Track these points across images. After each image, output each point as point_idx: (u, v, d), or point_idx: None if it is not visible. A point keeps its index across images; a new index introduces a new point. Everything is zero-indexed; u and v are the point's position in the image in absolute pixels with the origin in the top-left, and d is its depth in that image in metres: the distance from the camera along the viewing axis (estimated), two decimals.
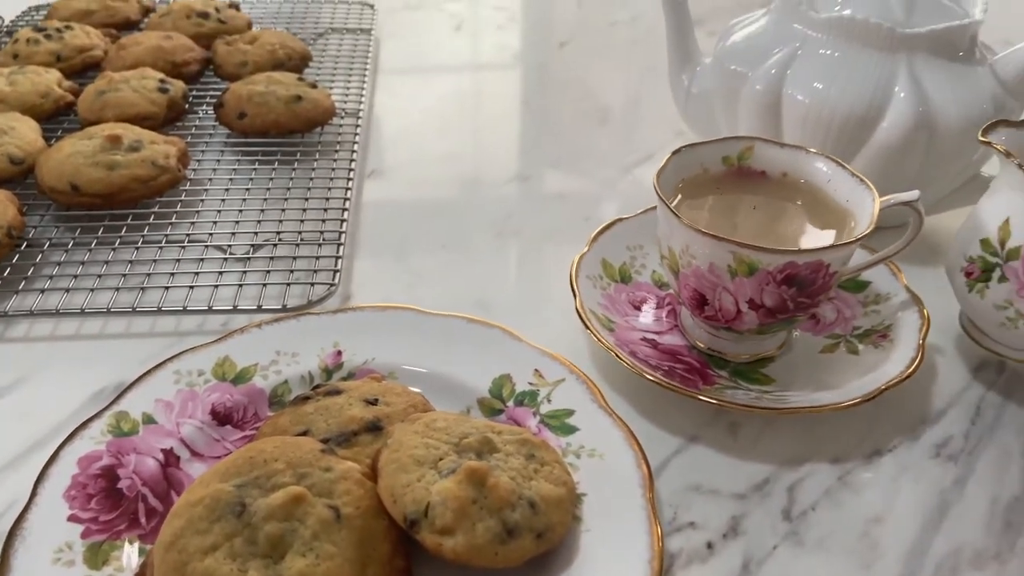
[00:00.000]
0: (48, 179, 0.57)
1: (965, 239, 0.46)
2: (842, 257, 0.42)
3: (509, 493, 0.34)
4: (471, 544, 0.33)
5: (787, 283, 0.42)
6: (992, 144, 0.44)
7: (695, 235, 0.42)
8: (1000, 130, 0.45)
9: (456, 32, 0.94)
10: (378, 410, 0.40)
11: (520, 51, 0.91)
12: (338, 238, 0.56)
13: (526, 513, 0.34)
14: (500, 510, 0.34)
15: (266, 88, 0.67)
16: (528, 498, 0.35)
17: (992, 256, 0.45)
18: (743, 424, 0.45)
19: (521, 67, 0.88)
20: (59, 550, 0.35)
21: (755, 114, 0.56)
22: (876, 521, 0.40)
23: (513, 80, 0.86)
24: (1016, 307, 0.44)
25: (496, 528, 0.33)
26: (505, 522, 0.34)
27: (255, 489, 0.34)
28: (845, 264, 0.43)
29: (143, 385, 0.43)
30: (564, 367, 0.45)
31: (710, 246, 0.42)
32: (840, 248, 0.41)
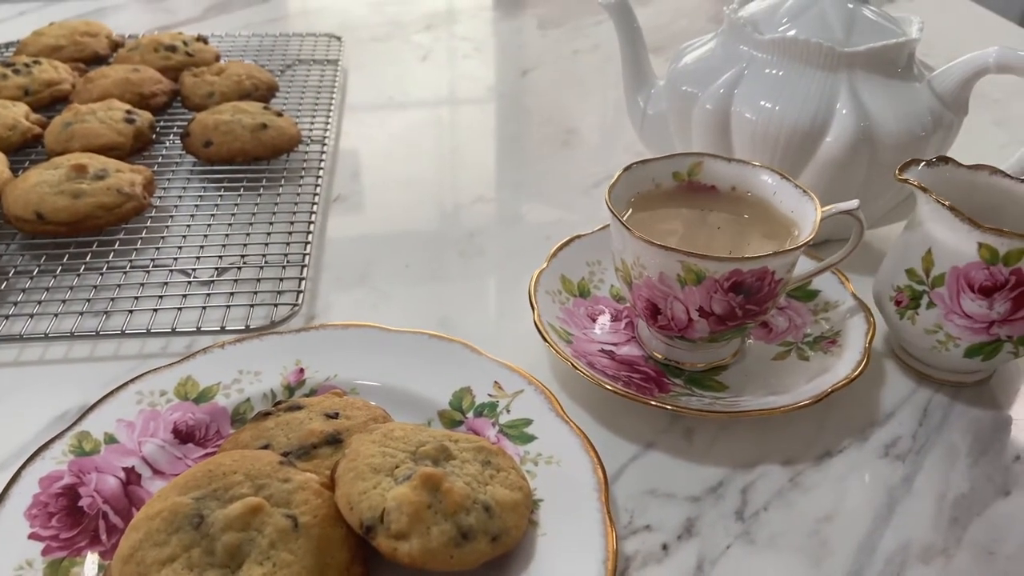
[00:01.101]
0: (13, 208, 0.57)
1: (891, 269, 0.48)
2: (785, 264, 0.43)
3: (463, 498, 0.35)
4: (426, 548, 0.33)
5: (734, 290, 0.43)
6: (908, 181, 0.46)
7: (644, 246, 0.43)
8: (913, 168, 0.47)
9: (422, 62, 0.96)
10: (338, 423, 0.41)
11: (485, 79, 0.93)
12: (302, 260, 0.57)
13: (481, 517, 0.35)
14: (455, 514, 0.34)
15: (232, 117, 0.68)
16: (483, 502, 0.35)
17: (919, 284, 0.46)
18: (698, 430, 0.46)
19: (486, 95, 0.90)
20: (19, 567, 0.36)
21: (707, 132, 0.58)
22: (826, 519, 0.41)
23: (478, 107, 0.88)
24: (946, 330, 0.46)
25: (451, 532, 0.34)
26: (460, 526, 0.34)
27: (213, 501, 0.35)
28: (790, 272, 0.45)
29: (105, 406, 0.43)
30: (523, 379, 0.46)
31: (659, 256, 0.43)
32: (782, 255, 0.42)
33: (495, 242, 0.64)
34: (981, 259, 0.43)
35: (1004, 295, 0.43)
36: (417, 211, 0.68)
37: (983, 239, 0.42)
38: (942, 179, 0.47)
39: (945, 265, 0.44)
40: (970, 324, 0.44)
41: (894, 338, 0.51)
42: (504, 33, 1.06)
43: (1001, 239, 0.42)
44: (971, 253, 0.43)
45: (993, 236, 0.42)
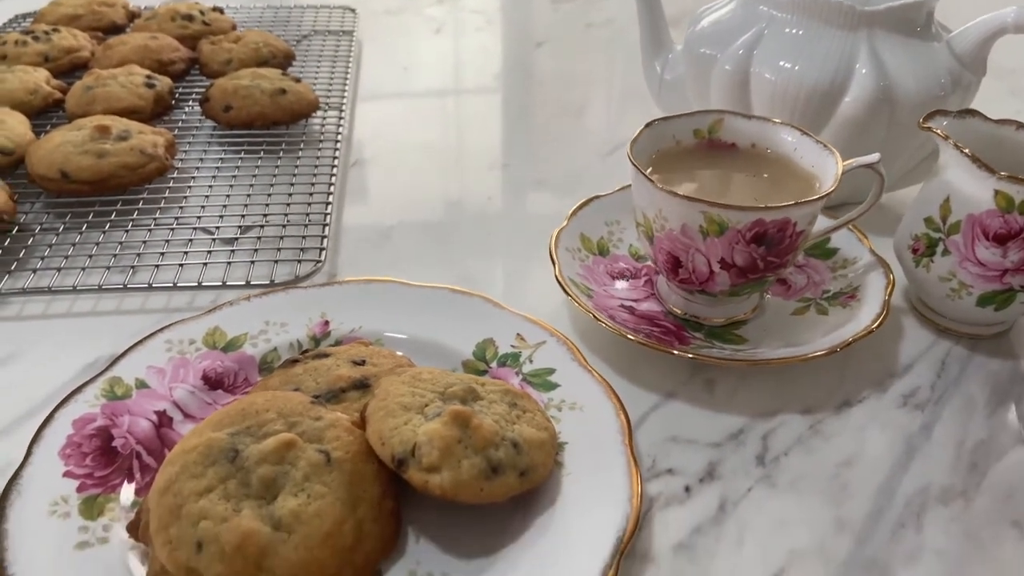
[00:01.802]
0: (38, 167, 0.58)
1: (911, 220, 0.49)
2: (807, 214, 0.44)
3: (492, 434, 0.35)
4: (457, 480, 0.34)
5: (756, 242, 0.43)
6: (932, 129, 0.46)
7: (667, 198, 0.44)
8: (937, 119, 0.48)
9: (435, 35, 0.97)
10: (365, 369, 0.42)
11: (498, 52, 0.93)
12: (324, 219, 0.58)
13: (509, 452, 0.35)
14: (484, 449, 0.35)
15: (251, 82, 0.69)
16: (511, 439, 0.36)
17: (935, 232, 0.47)
18: (718, 381, 0.46)
19: (499, 67, 0.90)
20: (55, 503, 0.36)
21: (725, 95, 0.59)
22: (846, 464, 0.41)
23: (492, 79, 0.88)
24: (959, 278, 0.46)
25: (481, 465, 0.35)
26: (489, 460, 0.35)
27: (247, 437, 0.35)
28: (811, 224, 0.45)
29: (135, 353, 0.44)
30: (545, 331, 0.46)
31: (682, 207, 0.43)
32: (804, 205, 0.43)
33: (512, 206, 0.64)
34: (997, 207, 0.43)
35: (1018, 244, 0.44)
36: (434, 177, 0.68)
37: (999, 186, 0.43)
38: (966, 131, 0.47)
39: (961, 213, 0.45)
40: (983, 272, 0.45)
41: (913, 293, 0.51)
42: (516, 7, 1.06)
43: (1018, 187, 0.42)
44: (987, 200, 0.44)
45: (1009, 184, 0.42)
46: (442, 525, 0.37)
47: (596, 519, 0.36)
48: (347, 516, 0.34)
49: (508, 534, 0.36)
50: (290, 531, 0.33)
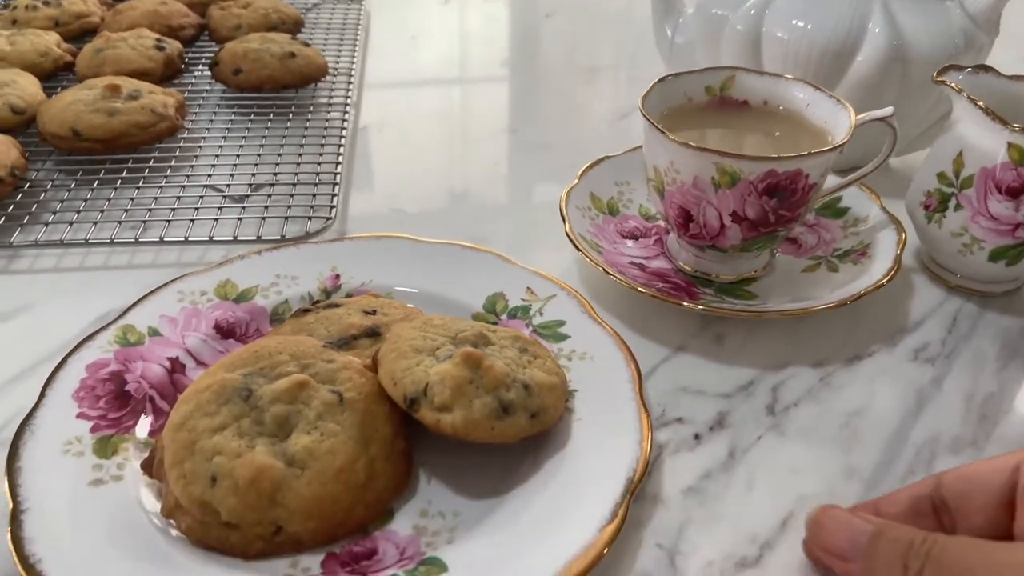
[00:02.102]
0: (50, 126, 0.58)
1: (923, 176, 0.49)
2: (820, 165, 0.43)
3: (503, 375, 0.36)
4: (468, 419, 0.34)
5: (768, 193, 0.43)
6: (946, 83, 0.46)
7: (680, 149, 0.44)
8: (951, 72, 0.47)
9: (444, 5, 0.96)
10: (376, 319, 0.42)
11: (507, 20, 0.93)
12: (334, 178, 0.58)
13: (521, 394, 0.36)
14: (495, 389, 0.35)
15: (260, 45, 0.69)
16: (522, 381, 0.36)
17: (948, 187, 0.47)
18: (728, 335, 0.46)
19: (508, 35, 0.90)
20: (68, 442, 0.36)
21: (737, 55, 0.58)
22: (856, 415, 0.41)
23: (500, 46, 0.88)
24: (971, 233, 0.46)
25: (492, 405, 0.35)
26: (500, 400, 0.35)
27: (260, 378, 0.36)
28: (823, 176, 0.45)
29: (148, 303, 0.44)
30: (555, 284, 0.46)
31: (694, 159, 0.43)
32: (817, 155, 0.42)
33: (521, 169, 0.64)
34: (1010, 160, 0.43)
35: None
36: (442, 141, 0.68)
37: (1013, 139, 0.43)
38: (979, 87, 0.47)
39: (975, 167, 0.45)
40: (995, 226, 0.45)
41: (924, 251, 0.51)
42: None
43: None
44: (1001, 153, 0.43)
45: (1023, 136, 0.42)
46: (453, 467, 0.37)
47: (606, 462, 0.36)
48: (359, 454, 0.34)
49: (518, 476, 0.36)
50: (303, 467, 0.33)
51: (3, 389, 0.42)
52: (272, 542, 0.33)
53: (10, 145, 0.56)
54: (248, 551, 0.33)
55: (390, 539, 0.34)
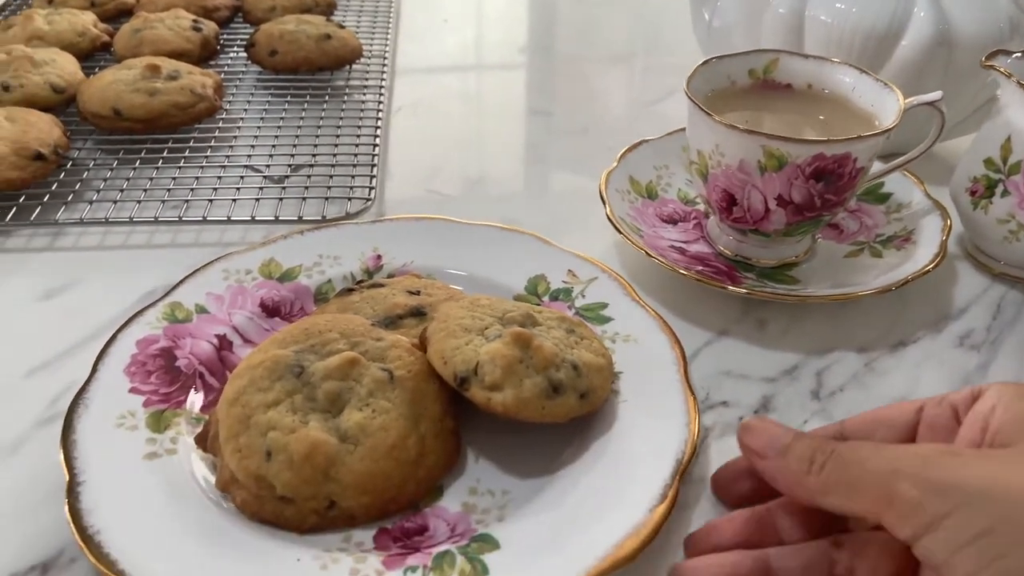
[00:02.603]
0: (91, 105, 0.58)
1: (969, 161, 0.49)
2: (869, 148, 0.43)
3: (553, 355, 0.36)
4: (519, 398, 0.34)
5: (815, 177, 0.43)
6: (994, 67, 0.46)
7: (726, 131, 0.43)
8: (1000, 57, 0.47)
9: None
10: (421, 299, 0.42)
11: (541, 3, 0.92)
12: (372, 160, 0.58)
13: (570, 374, 0.36)
14: (545, 369, 0.35)
15: (296, 27, 0.69)
16: (571, 361, 0.36)
17: (995, 173, 0.46)
18: (771, 320, 0.46)
19: (540, 17, 0.90)
20: (122, 416, 0.37)
21: (778, 39, 0.58)
22: (902, 400, 0.41)
23: (531, 31, 0.87)
24: (1017, 219, 0.46)
25: (542, 384, 0.35)
26: (551, 380, 0.35)
27: (311, 355, 0.36)
28: (871, 160, 0.44)
29: (193, 281, 0.44)
30: (596, 267, 0.46)
31: (741, 141, 0.43)
32: (867, 139, 0.42)
33: (556, 151, 0.64)
34: None
35: None
36: (478, 123, 0.68)
37: None
38: None
39: (1023, 152, 0.44)
40: None
41: (968, 239, 0.51)
42: None
43: None
44: None
45: None
46: (500, 446, 0.37)
47: (654, 443, 0.36)
48: (410, 431, 0.34)
49: (566, 456, 0.36)
50: (356, 443, 0.33)
51: (52, 364, 0.43)
52: (325, 516, 0.33)
53: (52, 124, 0.56)
54: (302, 525, 0.33)
55: (440, 515, 0.34)
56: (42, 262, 0.50)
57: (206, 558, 0.31)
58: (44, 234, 0.52)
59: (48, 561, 0.33)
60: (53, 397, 0.40)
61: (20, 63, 0.60)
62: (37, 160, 0.53)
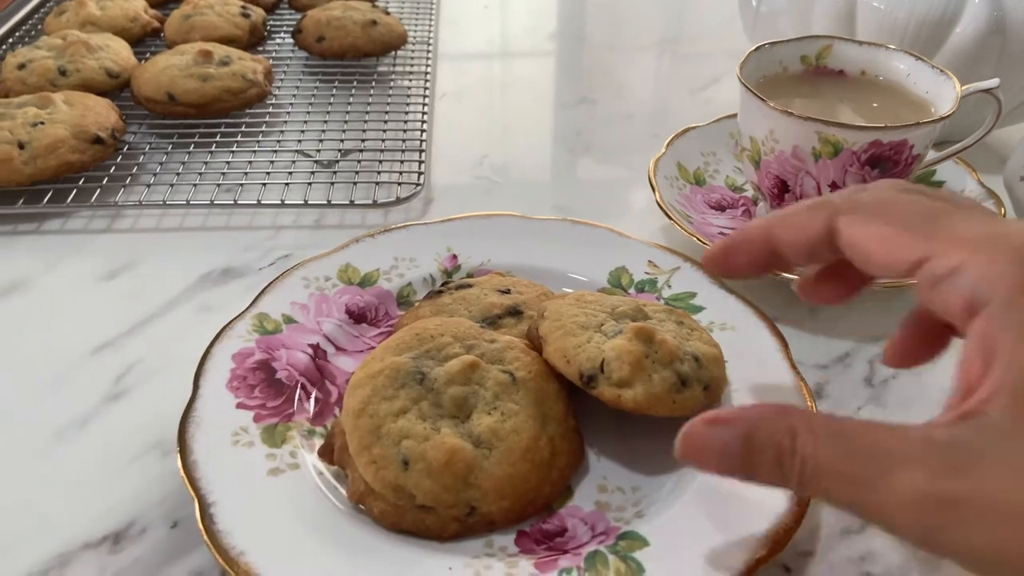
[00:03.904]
0: (145, 90, 0.60)
1: None
2: (926, 135, 0.43)
3: (676, 348, 0.35)
4: (650, 393, 0.34)
5: (871, 164, 0.43)
6: None
7: (781, 117, 0.43)
8: None
9: None
10: (513, 297, 0.42)
11: None
12: (420, 145, 0.59)
13: (693, 366, 0.35)
14: (671, 363, 0.35)
15: (343, 13, 0.69)
16: (692, 353, 0.36)
17: None
18: (822, 307, 0.46)
19: (584, 5, 0.90)
20: (236, 433, 0.36)
21: (829, 25, 0.57)
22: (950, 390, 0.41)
23: (577, 16, 0.87)
24: None
25: (671, 379, 0.35)
26: (678, 373, 0.35)
27: (429, 360, 0.35)
28: (927, 147, 0.44)
29: (274, 291, 0.43)
30: (677, 257, 0.46)
31: (796, 127, 0.43)
32: (924, 126, 0.42)
33: (602, 139, 0.64)
34: None
35: None
36: (522, 110, 0.68)
37: None
38: None
39: None
40: None
41: None
42: None
43: None
44: None
45: None
46: (618, 442, 0.37)
47: None
48: (541, 432, 0.34)
49: None
50: (490, 447, 0.33)
51: (116, 342, 0.44)
52: (466, 523, 0.33)
53: (109, 108, 0.57)
54: (444, 533, 0.33)
55: (575, 515, 0.34)
56: (102, 243, 0.51)
57: (360, 572, 0.31)
58: (103, 216, 0.53)
59: (119, 532, 0.34)
60: (118, 374, 0.42)
61: (76, 48, 0.62)
62: (96, 144, 0.54)
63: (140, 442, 0.38)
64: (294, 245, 0.51)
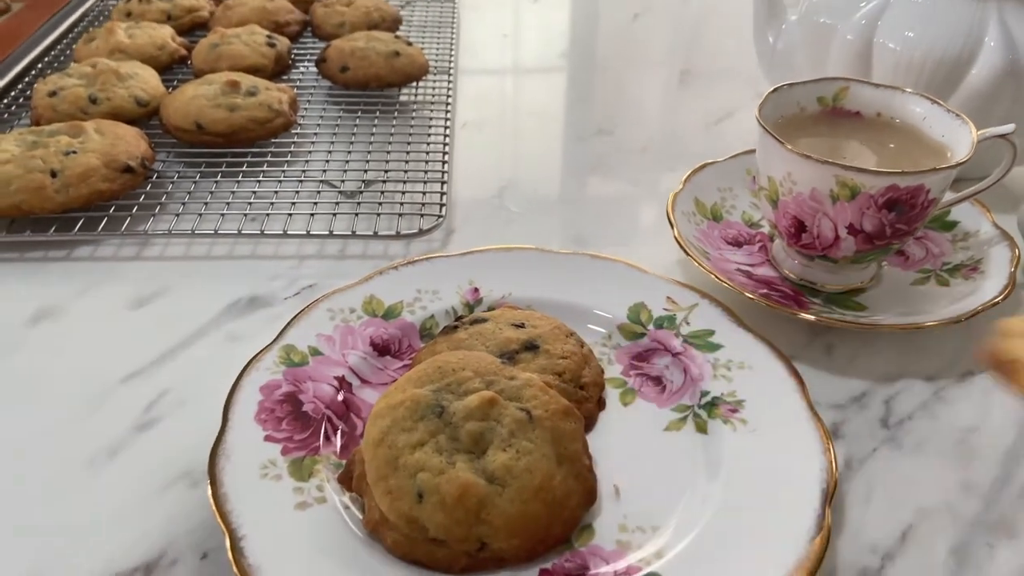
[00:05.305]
0: (174, 119, 0.61)
1: None
2: (942, 180, 0.44)
3: None
4: None
5: (888, 207, 0.44)
6: None
7: (799, 160, 0.44)
8: None
9: (534, 3, 0.97)
10: (528, 332, 0.42)
11: (599, 21, 0.94)
12: (441, 176, 0.60)
13: None
14: None
15: (366, 44, 0.71)
16: None
17: None
18: (838, 346, 0.47)
19: (600, 35, 0.91)
20: (264, 466, 0.37)
21: (845, 65, 0.58)
22: (971, 430, 0.42)
23: (591, 49, 0.89)
24: None
25: None
26: None
27: (449, 394, 0.36)
28: (943, 191, 0.45)
29: (301, 322, 0.44)
30: (695, 293, 0.47)
31: (814, 170, 0.44)
32: (941, 171, 0.43)
33: (620, 171, 0.65)
34: None
35: None
36: (541, 140, 0.69)
37: None
38: None
39: None
40: None
41: None
42: None
43: None
44: None
45: None
46: (636, 483, 0.38)
47: (796, 472, 0.36)
48: (554, 471, 0.35)
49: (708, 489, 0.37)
50: (503, 484, 0.34)
51: (147, 371, 0.45)
52: (476, 558, 0.33)
53: (139, 137, 0.59)
54: (454, 566, 0.33)
55: (597, 554, 0.35)
56: (132, 271, 0.52)
57: None
58: (132, 244, 0.54)
59: (151, 562, 0.35)
60: (148, 403, 0.43)
61: (106, 76, 0.63)
62: (126, 172, 0.55)
63: (169, 472, 0.39)
64: (319, 275, 0.52)
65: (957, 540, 0.37)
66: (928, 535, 0.37)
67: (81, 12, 0.83)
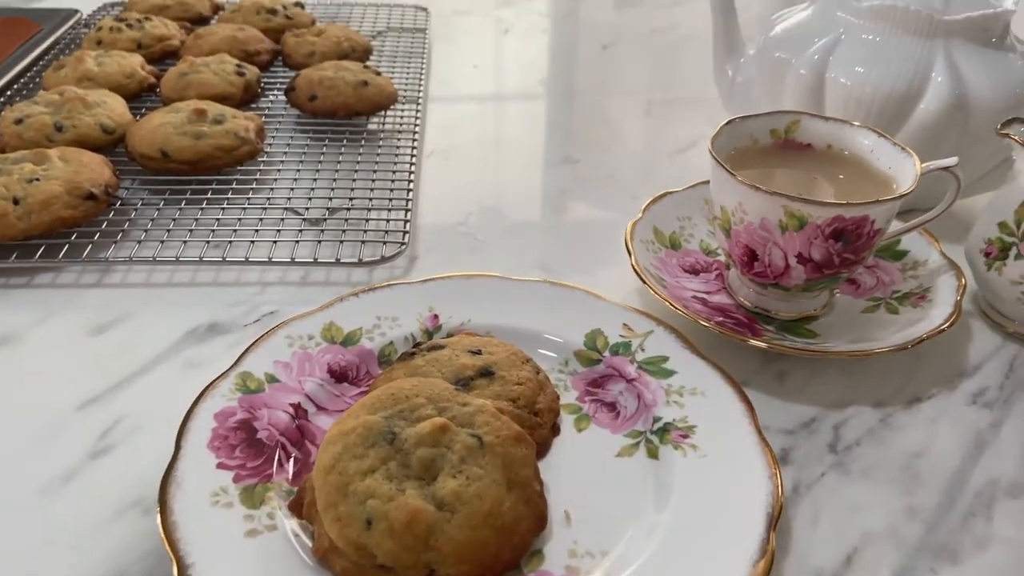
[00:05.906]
0: (139, 146, 0.61)
1: (984, 224, 0.51)
2: (886, 212, 0.45)
3: None
4: None
5: (834, 237, 0.45)
6: (1009, 135, 0.48)
7: (749, 191, 0.45)
8: (1015, 125, 0.49)
9: (504, 35, 0.99)
10: (484, 358, 0.43)
11: (566, 52, 0.96)
12: (406, 204, 0.60)
13: None
14: None
15: (335, 73, 0.71)
16: None
17: (1009, 236, 0.48)
18: (790, 372, 0.48)
19: (567, 66, 0.93)
20: (215, 494, 0.37)
21: (799, 98, 0.60)
22: (917, 456, 0.43)
23: (560, 76, 0.90)
24: None
25: None
26: None
27: (401, 420, 0.36)
28: (888, 222, 0.46)
29: (259, 349, 0.44)
30: (651, 320, 0.48)
31: (763, 201, 0.45)
32: (885, 203, 0.44)
33: (583, 199, 0.66)
34: None
35: None
36: (507, 168, 0.71)
37: None
38: None
39: None
40: None
41: (982, 298, 0.53)
42: (582, 11, 1.09)
43: None
44: None
45: None
46: (585, 507, 0.38)
47: (742, 498, 0.37)
48: (504, 497, 0.35)
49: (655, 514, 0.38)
50: (452, 511, 0.34)
51: (103, 398, 0.45)
52: None
53: (103, 164, 0.59)
54: None
55: None
56: (92, 298, 0.52)
57: None
58: (93, 271, 0.54)
59: None
60: (104, 430, 0.43)
61: (73, 104, 0.64)
62: (89, 200, 0.55)
63: (123, 499, 0.39)
64: (280, 301, 0.52)
65: (901, 564, 0.37)
66: (873, 559, 0.37)
67: (52, 40, 0.84)
